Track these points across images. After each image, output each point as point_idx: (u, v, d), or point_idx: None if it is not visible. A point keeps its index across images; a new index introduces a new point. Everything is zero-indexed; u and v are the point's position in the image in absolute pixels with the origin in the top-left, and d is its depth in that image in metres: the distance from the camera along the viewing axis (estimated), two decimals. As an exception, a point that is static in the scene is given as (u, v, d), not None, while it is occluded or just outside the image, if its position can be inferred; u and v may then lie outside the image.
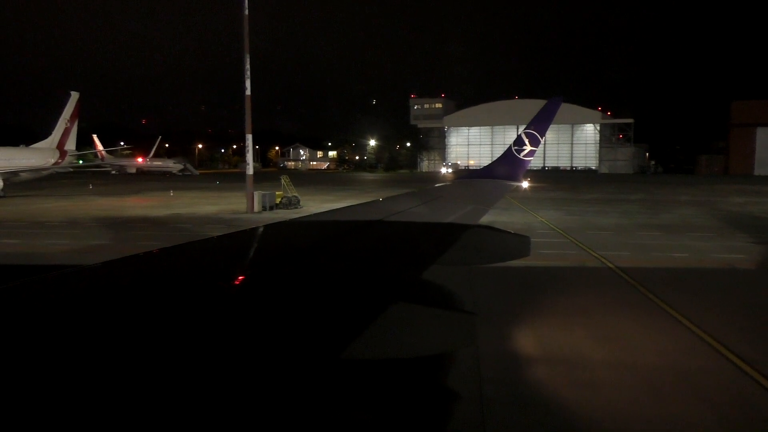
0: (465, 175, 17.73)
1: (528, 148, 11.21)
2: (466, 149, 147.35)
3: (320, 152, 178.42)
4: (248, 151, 41.25)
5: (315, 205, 43.30)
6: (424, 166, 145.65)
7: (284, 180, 43.41)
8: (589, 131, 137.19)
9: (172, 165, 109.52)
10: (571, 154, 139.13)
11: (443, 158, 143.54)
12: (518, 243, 6.11)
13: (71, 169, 69.54)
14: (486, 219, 7.10)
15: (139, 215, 37.24)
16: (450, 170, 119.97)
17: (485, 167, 12.58)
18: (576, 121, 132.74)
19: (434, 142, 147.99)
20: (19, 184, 56.68)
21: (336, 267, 3.61)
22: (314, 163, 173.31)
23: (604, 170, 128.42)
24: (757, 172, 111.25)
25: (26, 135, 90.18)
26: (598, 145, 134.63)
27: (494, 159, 12.50)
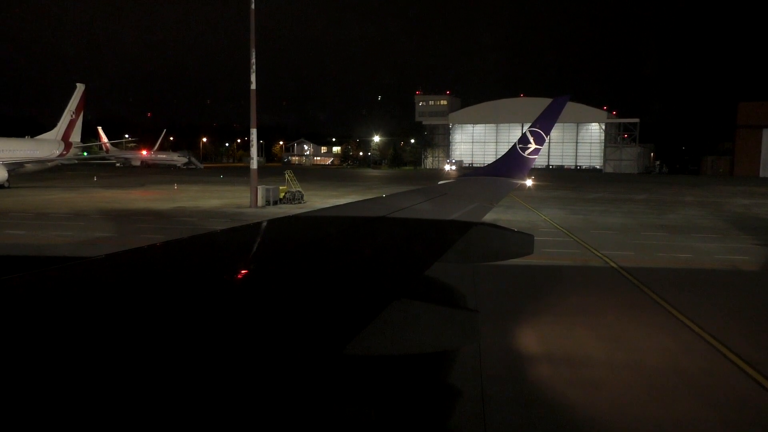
0: (469, 172, 17.71)
1: (533, 146, 11.19)
2: (471, 147, 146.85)
3: (324, 148, 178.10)
4: (253, 145, 41.26)
5: (319, 200, 43.33)
6: (429, 163, 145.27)
7: (288, 175, 43.42)
8: (595, 130, 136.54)
9: (176, 158, 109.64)
10: (576, 153, 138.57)
11: (448, 155, 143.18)
12: (522, 241, 6.10)
13: (76, 161, 69.74)
14: (490, 217, 7.09)
15: (143, 208, 37.32)
16: (454, 167, 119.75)
17: (490, 165, 12.57)
18: (581, 120, 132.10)
19: (439, 139, 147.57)
20: (24, 175, 56.86)
21: (339, 263, 3.60)
22: (318, 158, 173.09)
23: (609, 170, 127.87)
24: (762, 173, 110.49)
25: (32, 126, 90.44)
26: (603, 144, 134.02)
27: (499, 157, 12.48)
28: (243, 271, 3.30)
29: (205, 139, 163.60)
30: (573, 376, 10.25)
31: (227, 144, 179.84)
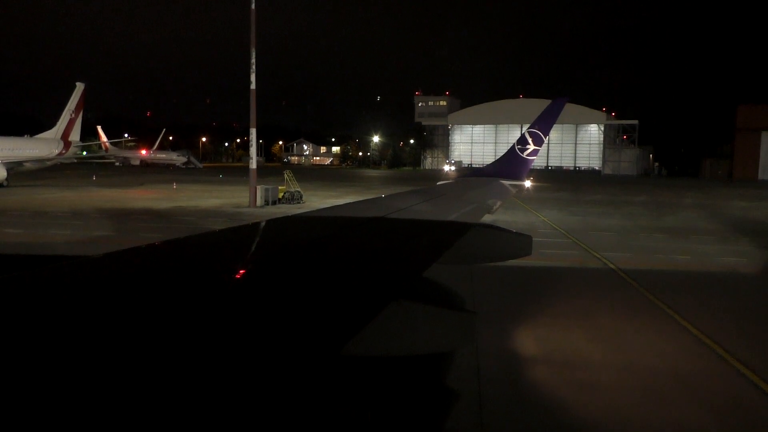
0: (468, 173, 17.70)
1: (531, 147, 11.20)
2: (470, 147, 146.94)
3: (324, 148, 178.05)
4: (252, 145, 41.26)
5: (318, 200, 43.33)
6: (428, 163, 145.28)
7: (287, 175, 43.41)
8: (594, 132, 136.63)
9: (176, 157, 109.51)
10: (575, 154, 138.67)
11: (447, 156, 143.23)
12: (520, 242, 6.09)
13: (75, 160, 69.69)
14: (488, 218, 7.09)
15: (142, 207, 37.28)
16: (453, 168, 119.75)
17: (488, 166, 12.58)
18: (580, 122, 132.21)
19: (438, 140, 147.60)
20: (24, 174, 56.77)
21: (337, 263, 3.61)
22: (318, 158, 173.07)
23: (608, 171, 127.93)
24: (761, 176, 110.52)
25: (31, 125, 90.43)
26: (602, 145, 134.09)
27: (498, 158, 12.50)
28: (241, 271, 3.31)
29: (204, 139, 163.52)
30: (570, 378, 10.25)
31: (226, 143, 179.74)
